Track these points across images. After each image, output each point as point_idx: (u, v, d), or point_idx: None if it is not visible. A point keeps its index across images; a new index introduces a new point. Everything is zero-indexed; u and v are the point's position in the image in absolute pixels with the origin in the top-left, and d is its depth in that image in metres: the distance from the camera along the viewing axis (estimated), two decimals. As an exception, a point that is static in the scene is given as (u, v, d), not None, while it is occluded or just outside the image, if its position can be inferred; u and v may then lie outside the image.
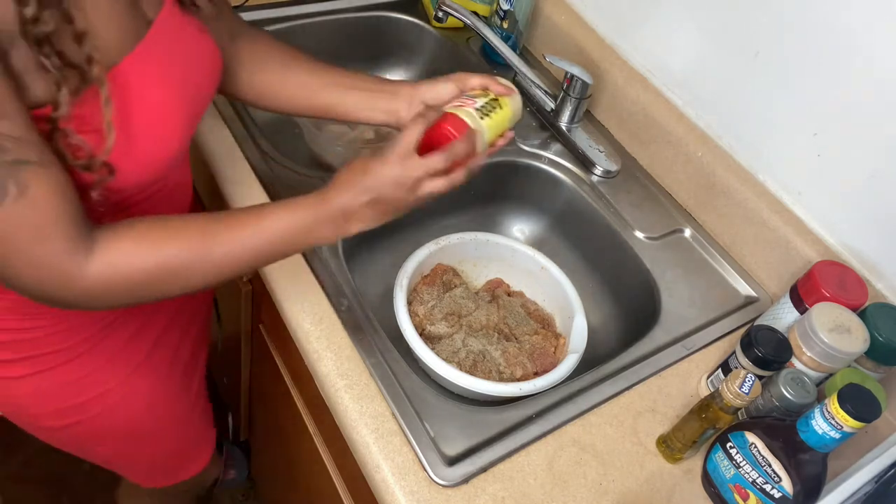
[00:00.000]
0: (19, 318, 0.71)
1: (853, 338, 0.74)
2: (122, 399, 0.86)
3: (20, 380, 0.76)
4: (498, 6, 1.14)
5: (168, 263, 0.58)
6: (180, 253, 0.58)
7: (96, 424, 0.86)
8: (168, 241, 0.58)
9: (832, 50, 0.81)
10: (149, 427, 0.93)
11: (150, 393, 0.91)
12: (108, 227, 0.57)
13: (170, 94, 0.62)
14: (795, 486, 0.64)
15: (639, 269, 0.96)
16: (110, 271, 0.55)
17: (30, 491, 1.50)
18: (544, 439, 0.74)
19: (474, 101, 0.73)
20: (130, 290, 0.58)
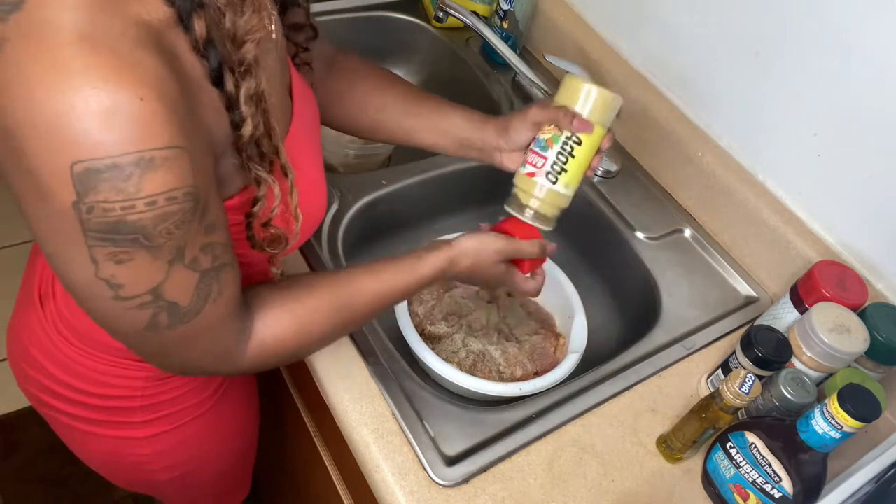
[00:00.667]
0: (157, 383, 0.73)
1: (853, 338, 0.74)
2: (230, 442, 0.89)
3: (149, 439, 0.77)
4: (498, 6, 1.14)
5: (311, 343, 0.64)
6: (323, 333, 0.64)
7: (199, 472, 0.88)
8: (312, 323, 0.62)
9: (832, 50, 0.81)
10: (234, 467, 0.97)
11: (249, 434, 0.95)
12: (256, 304, 0.59)
13: (317, 160, 0.65)
14: (795, 486, 0.64)
15: (639, 269, 0.96)
16: (265, 353, 0.59)
17: (30, 491, 1.50)
18: (544, 439, 0.74)
19: (545, 158, 0.68)
20: (282, 361, 0.64)
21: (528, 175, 0.70)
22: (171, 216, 0.44)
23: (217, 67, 0.47)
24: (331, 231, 0.89)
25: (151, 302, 0.47)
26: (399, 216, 1.00)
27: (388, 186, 0.96)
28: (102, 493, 1.51)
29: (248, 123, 0.49)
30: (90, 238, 0.43)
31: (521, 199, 0.71)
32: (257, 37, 0.48)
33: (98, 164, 0.40)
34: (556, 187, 0.69)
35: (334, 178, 0.96)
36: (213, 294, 0.51)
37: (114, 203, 0.41)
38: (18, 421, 1.58)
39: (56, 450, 1.53)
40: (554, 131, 0.68)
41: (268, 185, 0.53)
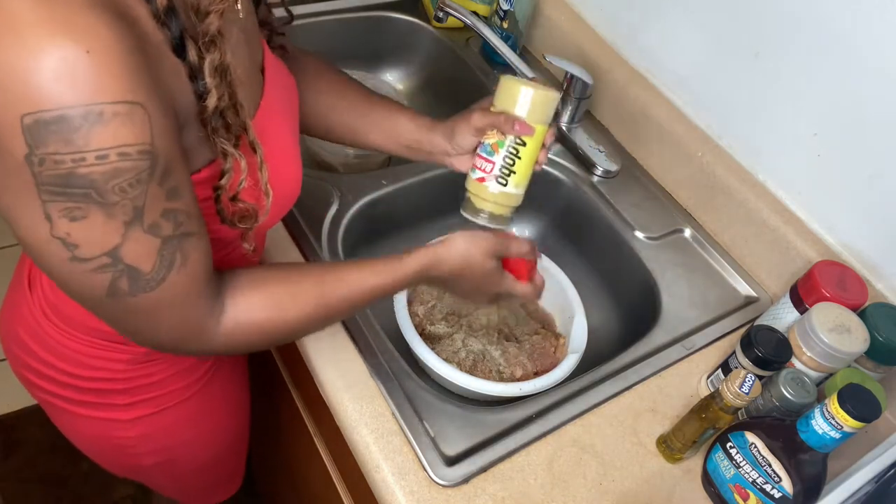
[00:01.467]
0: (139, 366, 0.74)
1: (853, 338, 0.74)
2: (216, 431, 0.89)
3: (133, 421, 0.78)
4: (498, 6, 1.14)
5: (287, 328, 0.62)
6: (299, 320, 0.62)
7: (187, 459, 0.89)
8: (289, 308, 0.61)
9: (832, 50, 0.81)
10: (224, 457, 0.97)
11: (238, 423, 0.95)
12: (230, 284, 0.58)
13: (290, 136, 0.65)
14: (795, 486, 0.64)
15: (639, 269, 0.96)
16: (238, 330, 0.58)
17: (30, 491, 1.50)
18: (544, 439, 0.74)
19: (492, 163, 0.70)
20: (252, 344, 0.62)
21: (478, 180, 0.71)
22: (124, 172, 0.43)
23: (179, 36, 0.47)
24: (331, 231, 0.89)
25: (110, 265, 0.47)
26: (399, 216, 1.00)
27: (388, 186, 0.96)
28: (102, 493, 1.51)
29: (213, 95, 0.49)
30: (43, 192, 0.43)
31: (475, 203, 0.72)
32: (220, 8, 0.48)
33: (46, 116, 0.40)
34: (506, 189, 0.70)
35: (334, 178, 0.96)
36: (177, 263, 0.50)
37: (64, 155, 0.41)
38: (18, 421, 1.58)
39: (56, 450, 1.54)
40: (497, 136, 0.70)
41: (234, 159, 0.53)
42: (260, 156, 0.56)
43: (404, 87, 1.31)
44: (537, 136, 0.69)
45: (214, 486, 1.04)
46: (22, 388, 0.82)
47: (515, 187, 0.71)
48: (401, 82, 1.31)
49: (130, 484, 1.50)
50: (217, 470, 0.99)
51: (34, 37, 0.39)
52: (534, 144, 0.70)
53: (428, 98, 1.29)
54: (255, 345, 0.62)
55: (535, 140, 0.69)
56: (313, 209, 0.90)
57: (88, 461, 0.93)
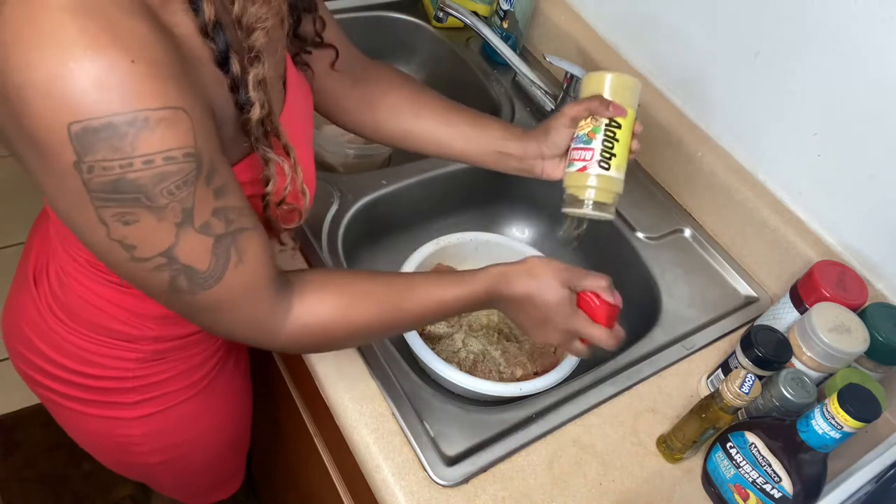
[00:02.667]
0: (148, 365, 0.74)
1: (853, 338, 0.74)
2: (219, 428, 0.90)
3: (139, 419, 0.78)
4: (498, 6, 1.14)
5: (354, 332, 0.63)
6: (367, 324, 0.63)
7: (189, 457, 0.89)
8: (356, 311, 0.62)
9: (832, 50, 0.81)
10: (225, 455, 0.97)
11: (240, 422, 0.96)
12: (299, 285, 0.60)
13: (306, 143, 0.66)
14: (795, 486, 0.64)
15: (639, 269, 0.96)
16: (305, 332, 0.60)
17: (30, 491, 1.50)
18: (544, 439, 0.74)
19: (591, 150, 0.70)
20: (320, 346, 0.65)
21: (579, 171, 0.71)
22: (171, 176, 0.45)
23: (224, 50, 0.49)
24: (331, 231, 0.89)
25: (167, 264, 0.48)
26: (399, 216, 1.00)
27: (388, 186, 0.96)
28: (102, 493, 1.51)
29: (256, 107, 0.51)
30: (95, 198, 0.44)
31: (578, 194, 0.71)
32: (266, 26, 0.50)
33: (94, 124, 0.41)
34: (609, 173, 0.70)
35: (334, 178, 0.96)
36: (233, 260, 0.51)
37: (112, 161, 0.43)
38: (18, 421, 1.58)
39: (56, 450, 1.54)
40: (591, 124, 0.70)
41: (276, 164, 0.55)
42: (293, 158, 0.57)
43: (404, 87, 1.31)
44: (628, 119, 0.70)
45: (215, 484, 1.05)
46: (22, 388, 0.82)
47: (617, 171, 0.70)
48: (401, 82, 1.31)
49: (130, 484, 1.50)
50: (218, 468, 0.99)
51: (79, 47, 0.40)
52: (627, 128, 0.70)
53: (428, 98, 1.29)
54: (320, 345, 0.64)
55: (627, 124, 0.70)
56: (313, 209, 0.90)
57: (89, 461, 0.93)
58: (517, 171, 0.79)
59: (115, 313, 0.69)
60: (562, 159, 0.75)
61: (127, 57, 0.41)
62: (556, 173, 0.76)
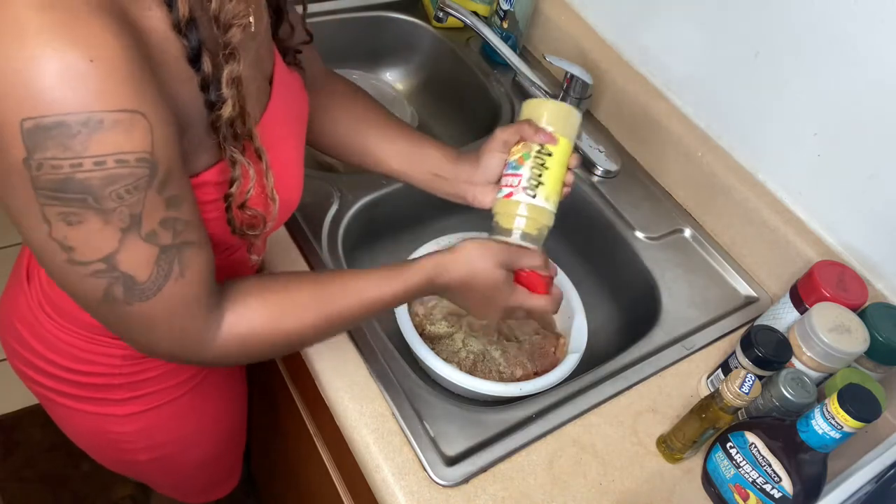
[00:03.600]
0: (135, 362, 0.74)
1: (853, 338, 0.74)
2: (211, 427, 0.89)
3: (129, 417, 0.78)
4: (498, 6, 1.14)
5: (287, 339, 0.61)
6: (301, 330, 0.62)
7: (182, 455, 0.89)
8: (289, 318, 0.60)
9: (832, 50, 0.81)
10: (220, 453, 0.97)
11: (235, 419, 0.95)
12: (231, 294, 0.58)
13: (294, 147, 0.65)
14: (795, 486, 0.64)
15: (639, 269, 0.96)
16: (238, 342, 0.58)
17: (30, 491, 1.50)
18: (544, 439, 0.74)
19: (519, 176, 0.68)
20: (252, 356, 0.62)
21: (506, 197, 0.69)
22: (121, 179, 0.44)
23: (196, 47, 0.47)
24: (331, 231, 0.89)
25: (105, 271, 0.47)
26: (399, 216, 1.00)
27: (388, 186, 0.96)
28: (102, 493, 1.51)
29: (228, 105, 0.50)
30: (41, 196, 0.43)
31: (504, 222, 0.69)
32: (243, 22, 0.49)
33: (46, 122, 0.41)
34: (536, 201, 0.67)
35: (334, 178, 0.96)
36: (175, 273, 0.50)
37: (61, 160, 0.42)
38: (18, 421, 1.58)
39: (56, 450, 1.54)
40: (522, 150, 0.69)
41: (242, 166, 0.54)
42: (265, 162, 0.56)
43: (404, 86, 1.31)
44: (562, 150, 0.68)
45: (211, 483, 1.05)
46: (21, 388, 0.82)
47: (545, 200, 0.68)
48: (400, 82, 1.31)
49: (130, 484, 1.50)
50: (214, 466, 0.99)
51: (38, 43, 0.39)
52: (560, 157, 0.68)
53: (428, 98, 1.29)
54: (254, 356, 0.62)
55: (561, 153, 0.68)
56: (313, 209, 0.90)
57: (88, 461, 0.93)
58: (450, 195, 0.76)
59: None
60: (494, 187, 0.72)
61: (86, 56, 0.40)
62: (485, 201, 0.73)
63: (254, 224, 0.58)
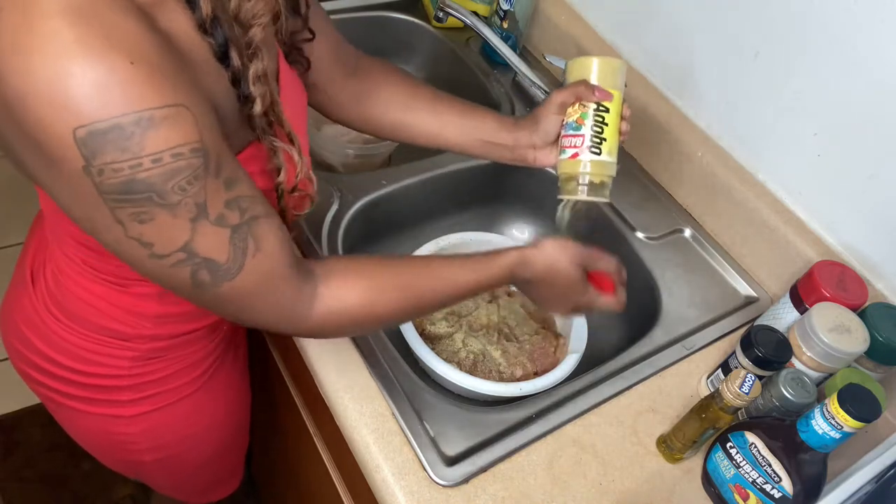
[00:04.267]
0: (143, 363, 0.74)
1: (853, 338, 0.74)
2: (215, 427, 0.90)
3: (135, 418, 0.78)
4: (498, 6, 1.14)
5: (379, 317, 0.63)
6: (391, 310, 0.63)
7: (187, 455, 0.89)
8: (381, 297, 0.62)
9: (832, 50, 0.81)
10: (223, 454, 0.97)
11: (239, 419, 0.96)
12: (324, 272, 0.60)
13: (304, 141, 0.67)
14: (795, 486, 0.64)
15: (639, 269, 0.96)
16: (331, 318, 0.60)
17: (30, 491, 1.50)
18: (544, 439, 0.74)
19: (581, 136, 0.71)
20: (344, 330, 0.65)
21: (571, 158, 0.72)
22: (181, 172, 0.45)
23: (223, 44, 0.49)
24: (331, 231, 0.89)
25: (187, 259, 0.49)
26: (399, 216, 1.00)
27: (388, 186, 0.96)
28: (102, 493, 1.51)
29: (258, 102, 0.52)
30: (108, 200, 0.45)
31: (572, 180, 0.72)
32: (264, 21, 0.51)
33: (100, 127, 0.42)
34: (601, 157, 0.71)
35: (334, 178, 0.96)
36: (251, 248, 0.52)
37: (121, 163, 0.43)
38: (18, 421, 1.58)
39: (56, 450, 1.54)
40: (579, 110, 0.71)
41: (284, 153, 0.56)
42: (297, 146, 0.58)
43: (404, 87, 1.31)
44: (616, 102, 0.71)
45: (214, 483, 1.05)
46: (22, 388, 0.82)
47: (609, 155, 0.71)
48: (401, 82, 1.31)
49: (130, 484, 1.50)
50: (216, 467, 0.99)
51: (77, 52, 0.40)
52: (615, 111, 0.71)
53: (428, 98, 1.29)
54: (346, 330, 0.65)
55: (615, 106, 0.71)
56: (313, 209, 0.90)
57: (89, 461, 0.93)
58: (510, 160, 0.79)
59: (111, 312, 0.69)
60: (553, 147, 0.76)
61: (126, 59, 0.42)
62: (548, 161, 0.76)
63: (301, 205, 0.61)
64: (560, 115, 0.74)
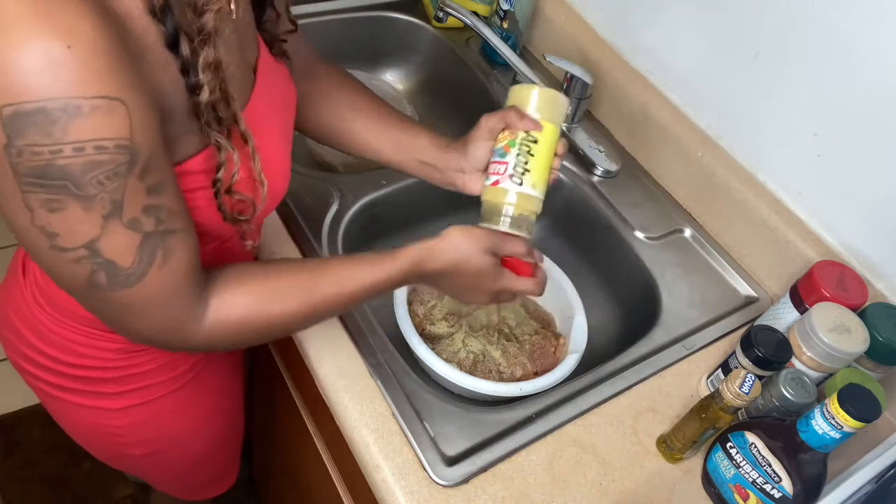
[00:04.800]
0: (128, 355, 0.74)
1: (853, 338, 0.74)
2: (205, 424, 0.89)
3: (122, 411, 0.78)
4: (498, 6, 1.13)
5: (272, 325, 0.61)
6: (285, 316, 0.61)
7: (177, 451, 0.89)
8: (274, 303, 0.61)
9: (832, 50, 0.81)
10: (216, 450, 0.97)
11: (229, 417, 0.95)
12: (216, 281, 0.58)
13: (280, 135, 0.65)
14: (795, 486, 0.64)
15: (639, 269, 0.96)
16: (223, 328, 0.58)
17: (30, 491, 1.50)
18: (544, 439, 0.74)
19: (505, 163, 0.68)
20: (238, 342, 0.62)
21: (493, 185, 0.69)
22: (101, 165, 0.44)
23: (173, 32, 0.48)
24: (331, 231, 0.89)
25: (88, 257, 0.48)
26: (399, 216, 1.00)
27: (388, 186, 0.96)
28: (102, 493, 1.51)
29: (205, 90, 0.50)
30: (22, 183, 0.44)
31: (491, 210, 0.69)
32: (216, 7, 0.49)
33: (26, 108, 0.41)
34: (523, 189, 0.67)
35: (334, 178, 0.96)
36: (158, 260, 0.50)
37: (42, 147, 0.42)
38: (18, 421, 1.58)
39: (56, 450, 1.54)
40: (508, 137, 0.68)
41: (227, 152, 0.54)
42: (251, 146, 0.56)
43: (404, 87, 1.31)
44: (549, 135, 0.68)
45: (208, 479, 1.04)
46: (21, 388, 0.82)
47: (532, 188, 0.67)
48: (400, 82, 1.31)
49: (130, 484, 1.50)
50: (210, 462, 0.99)
51: (17, 31, 0.40)
52: (546, 144, 0.68)
53: (428, 98, 1.29)
54: (240, 342, 0.62)
55: (547, 139, 0.68)
56: (313, 209, 0.90)
57: (89, 461, 0.93)
58: (440, 182, 0.77)
59: None
60: (482, 173, 0.72)
61: (64, 42, 0.40)
62: (474, 188, 0.73)
63: (243, 209, 0.58)
64: (490, 141, 0.71)
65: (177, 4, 0.48)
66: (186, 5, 0.49)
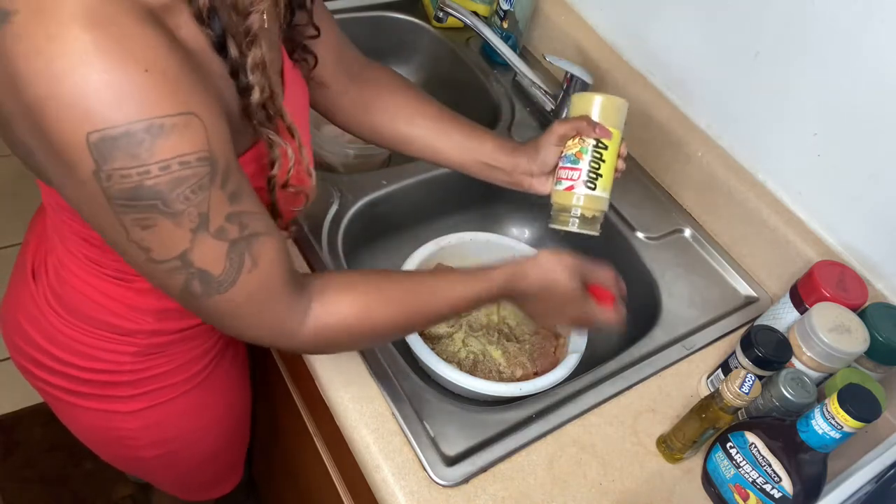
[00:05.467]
0: (144, 359, 0.75)
1: (853, 338, 0.74)
2: (216, 423, 0.90)
3: (134, 413, 0.79)
4: (498, 6, 1.14)
5: (375, 332, 0.63)
6: (386, 324, 0.63)
7: (186, 452, 0.89)
8: (377, 311, 0.62)
9: (832, 50, 0.81)
10: (223, 450, 0.97)
11: (239, 416, 0.96)
12: (319, 286, 0.60)
13: (306, 131, 0.67)
14: (795, 486, 0.64)
15: (639, 269, 0.96)
16: (325, 332, 0.60)
17: (30, 491, 1.50)
18: (544, 439, 0.74)
19: (579, 170, 0.73)
20: (340, 345, 0.65)
21: (566, 190, 0.74)
22: (186, 180, 0.46)
23: (221, 35, 0.50)
24: (331, 231, 0.89)
25: (181, 268, 0.50)
26: (399, 216, 1.00)
27: (388, 186, 0.96)
28: (103, 493, 1.51)
29: (256, 90, 0.52)
30: (114, 205, 0.46)
31: (565, 212, 0.75)
32: (261, 8, 0.51)
33: (112, 133, 0.42)
34: (595, 192, 0.73)
35: (334, 178, 0.96)
36: (247, 265, 0.52)
37: (130, 170, 0.44)
38: (18, 421, 1.58)
39: (56, 450, 1.54)
40: (579, 144, 0.73)
41: (280, 147, 0.56)
42: (298, 139, 0.58)
43: (404, 87, 1.31)
44: (615, 140, 0.73)
45: (213, 480, 1.05)
46: (22, 388, 0.82)
47: (603, 191, 0.74)
48: (401, 82, 1.31)
49: (131, 484, 1.50)
50: (216, 463, 1.00)
51: (98, 60, 0.41)
52: (613, 149, 0.73)
53: (428, 98, 1.29)
54: (342, 345, 0.65)
55: (614, 144, 0.73)
56: (313, 209, 0.90)
57: (89, 461, 0.93)
58: (506, 183, 0.81)
59: (112, 307, 0.69)
60: (549, 176, 0.78)
61: (141, 66, 0.42)
62: (543, 189, 0.78)
63: (295, 202, 0.61)
64: (560, 147, 0.75)
65: (222, 7, 0.50)
66: (231, 8, 0.50)
